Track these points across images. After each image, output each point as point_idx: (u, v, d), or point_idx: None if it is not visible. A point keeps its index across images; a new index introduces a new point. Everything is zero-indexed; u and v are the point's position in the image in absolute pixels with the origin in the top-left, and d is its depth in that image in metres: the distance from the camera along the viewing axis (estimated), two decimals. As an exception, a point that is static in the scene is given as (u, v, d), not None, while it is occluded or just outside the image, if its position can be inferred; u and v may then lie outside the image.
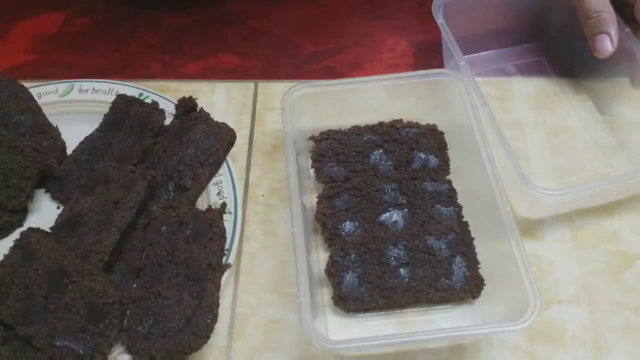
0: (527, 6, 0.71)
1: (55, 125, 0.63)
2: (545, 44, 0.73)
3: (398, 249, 0.55)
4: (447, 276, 0.54)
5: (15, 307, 0.49)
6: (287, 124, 0.59)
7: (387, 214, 0.58)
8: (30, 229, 0.54)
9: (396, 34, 0.77)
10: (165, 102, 0.65)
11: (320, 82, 0.61)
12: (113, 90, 0.66)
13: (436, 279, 0.54)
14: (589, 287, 0.56)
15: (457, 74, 0.61)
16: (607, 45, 0.62)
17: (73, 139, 0.62)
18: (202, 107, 0.63)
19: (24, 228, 0.57)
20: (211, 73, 0.72)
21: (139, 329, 0.50)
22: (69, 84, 0.67)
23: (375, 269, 0.54)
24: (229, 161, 0.61)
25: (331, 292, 0.54)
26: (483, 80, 0.69)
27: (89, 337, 0.49)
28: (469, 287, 0.54)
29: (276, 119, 0.67)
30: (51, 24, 0.77)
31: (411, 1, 0.80)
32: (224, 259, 0.55)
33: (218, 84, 0.71)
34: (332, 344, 0.47)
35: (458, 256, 0.55)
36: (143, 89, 0.66)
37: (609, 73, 0.66)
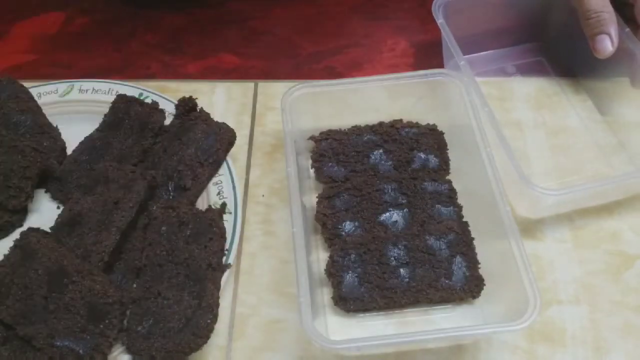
0: (527, 6, 0.71)
1: (55, 125, 0.63)
2: (545, 44, 0.73)
3: (398, 249, 0.55)
4: (447, 276, 0.54)
5: (15, 307, 0.49)
6: (287, 124, 0.59)
7: (387, 214, 0.58)
8: (30, 229, 0.54)
9: (396, 34, 0.77)
10: (165, 102, 0.65)
11: (320, 82, 0.61)
12: (113, 90, 0.66)
13: (436, 279, 0.54)
14: (589, 287, 0.56)
15: (457, 74, 0.61)
16: (607, 45, 0.62)
17: (73, 139, 0.62)
18: (202, 107, 0.63)
19: (24, 228, 0.57)
20: (211, 73, 0.72)
21: (139, 329, 0.50)
22: (69, 84, 0.67)
23: (375, 269, 0.54)
24: (229, 161, 0.61)
25: (331, 292, 0.54)
26: (483, 80, 0.69)
27: (89, 337, 0.49)
28: (469, 287, 0.54)
29: (276, 119, 0.67)
30: (51, 24, 0.77)
31: (411, 1, 0.80)
32: (224, 259, 0.55)
33: (218, 84, 0.71)
34: (332, 344, 0.47)
35: (458, 256, 0.55)
36: (143, 89, 0.66)
37: (609, 73, 0.66)
